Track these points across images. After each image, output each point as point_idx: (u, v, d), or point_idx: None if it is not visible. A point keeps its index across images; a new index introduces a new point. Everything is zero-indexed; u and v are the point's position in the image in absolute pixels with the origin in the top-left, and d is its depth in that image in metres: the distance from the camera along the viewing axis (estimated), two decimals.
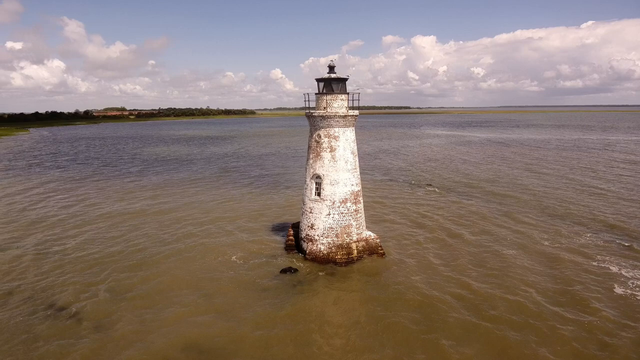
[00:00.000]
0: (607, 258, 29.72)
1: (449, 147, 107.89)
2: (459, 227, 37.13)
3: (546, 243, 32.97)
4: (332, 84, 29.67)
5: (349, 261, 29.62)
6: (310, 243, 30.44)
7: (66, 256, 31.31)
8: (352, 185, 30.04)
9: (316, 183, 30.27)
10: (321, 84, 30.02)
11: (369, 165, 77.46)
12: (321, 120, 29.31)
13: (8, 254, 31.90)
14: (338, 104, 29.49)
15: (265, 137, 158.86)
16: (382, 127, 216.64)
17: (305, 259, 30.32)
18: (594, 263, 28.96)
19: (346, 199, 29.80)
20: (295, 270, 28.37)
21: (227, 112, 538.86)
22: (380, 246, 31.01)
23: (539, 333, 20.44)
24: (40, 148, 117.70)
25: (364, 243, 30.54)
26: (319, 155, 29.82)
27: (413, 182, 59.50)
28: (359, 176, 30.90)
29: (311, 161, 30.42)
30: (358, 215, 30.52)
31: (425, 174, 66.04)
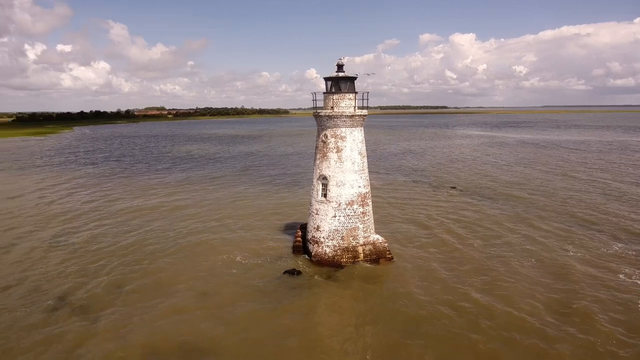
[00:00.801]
0: (638, 272, 27.34)
1: (480, 149, 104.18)
2: (475, 234, 35.40)
3: (570, 253, 30.79)
4: (339, 83, 28.97)
5: (355, 265, 28.82)
6: (316, 245, 29.87)
7: (77, 249, 32.44)
8: (359, 187, 29.20)
9: (322, 184, 29.66)
10: (329, 83, 29.39)
11: (393, 165, 75.94)
12: (328, 120, 28.66)
13: (25, 245, 33.35)
14: (345, 104, 28.74)
15: (293, 136, 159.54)
16: (414, 127, 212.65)
17: (311, 261, 29.78)
18: (621, 276, 26.73)
19: (352, 201, 29.00)
20: (299, 272, 27.89)
21: (261, 112, 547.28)
22: (389, 250, 29.98)
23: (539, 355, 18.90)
24: (79, 145, 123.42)
25: (371, 247, 29.63)
26: (326, 155, 29.18)
27: (436, 184, 57.69)
28: (368, 178, 30.00)
29: (318, 162, 29.83)
30: (365, 218, 29.64)
31: (450, 176, 63.88)
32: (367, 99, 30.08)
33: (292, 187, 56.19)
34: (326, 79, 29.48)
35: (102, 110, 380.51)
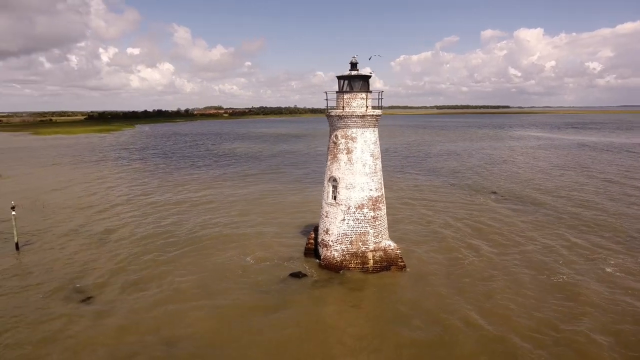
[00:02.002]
0: None
1: (532, 152, 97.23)
2: (506, 245, 32.63)
3: (607, 270, 27.47)
4: (352, 82, 27.87)
5: (364, 271, 27.64)
6: (325, 249, 29.02)
7: (100, 239, 34.41)
8: (370, 190, 27.93)
9: (332, 186, 28.76)
10: (342, 82, 28.38)
11: (435, 167, 72.86)
12: (338, 120, 27.68)
13: (53, 232, 35.73)
14: (357, 103, 27.57)
15: None
16: (466, 128, 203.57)
17: (320, 265, 28.99)
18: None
19: (363, 204, 27.79)
20: (304, 275, 27.24)
21: (313, 111, 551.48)
22: (401, 258, 28.41)
23: None
24: (135, 142, 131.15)
25: (381, 253, 28.24)
26: (336, 157, 28.23)
27: (476, 188, 54.42)
28: (381, 181, 28.64)
29: (329, 163, 28.96)
30: (377, 223, 28.31)
31: (493, 180, 60.02)
32: (382, 98, 28.82)
33: (322, 187, 55.56)
34: (339, 78, 28.49)
35: (163, 109, 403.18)
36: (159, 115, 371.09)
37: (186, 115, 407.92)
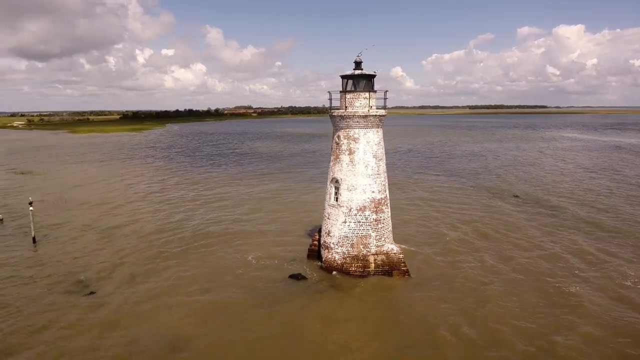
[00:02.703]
0: None
1: (563, 154, 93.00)
2: (517, 252, 31.19)
3: (626, 284, 25.70)
4: (355, 82, 27.26)
5: (364, 275, 27.02)
6: (327, 251, 28.56)
7: (110, 234, 35.49)
8: (373, 192, 27.23)
9: (334, 188, 28.23)
10: (345, 81, 27.82)
11: (457, 167, 70.86)
12: (340, 120, 27.14)
13: (68, 230, 36.77)
14: (360, 103, 26.93)
15: None
16: (497, 128, 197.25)
17: (320, 267, 28.56)
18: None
19: (364, 206, 27.13)
20: (303, 277, 26.89)
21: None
22: (404, 262, 27.56)
23: None
24: (163, 141, 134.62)
25: (383, 257, 27.51)
26: (338, 157, 27.69)
27: (497, 190, 52.47)
28: (384, 183, 27.88)
29: (331, 164, 28.46)
30: (379, 226, 27.58)
31: (517, 183, 57.69)
32: (386, 98, 28.03)
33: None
34: (343, 77, 27.94)
35: (194, 109, 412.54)
36: (190, 115, 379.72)
37: (216, 114, 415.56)
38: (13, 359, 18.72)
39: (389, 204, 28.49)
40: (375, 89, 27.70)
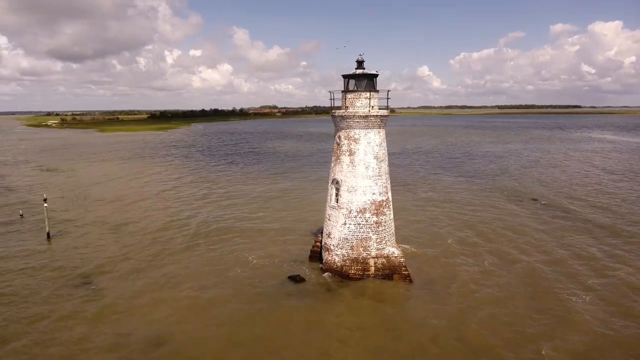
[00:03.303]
0: None
1: (592, 156, 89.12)
2: (522, 257, 30.01)
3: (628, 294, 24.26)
4: (356, 81, 26.81)
5: (364, 278, 26.54)
6: (327, 253, 28.24)
7: (119, 231, 36.20)
8: (374, 194, 26.70)
9: (335, 189, 27.86)
10: (346, 81, 27.39)
11: (476, 169, 69.06)
12: (341, 120, 26.75)
13: (82, 225, 37.79)
14: (361, 103, 26.46)
15: (387, 135, 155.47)
16: (523, 129, 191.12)
17: (321, 269, 28.26)
18: None
19: (365, 208, 26.65)
20: (302, 279, 26.66)
21: None
22: (405, 266, 26.92)
23: None
24: (185, 140, 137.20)
25: (384, 260, 26.95)
26: (339, 158, 27.31)
27: (516, 193, 50.69)
28: (386, 185, 27.29)
29: (332, 165, 28.11)
30: (380, 229, 27.03)
31: (537, 186, 55.60)
32: (389, 98, 27.45)
33: None
34: (344, 77, 27.53)
35: (220, 109, 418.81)
36: (215, 114, 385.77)
37: (240, 114, 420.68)
38: (8, 346, 19.48)
39: (391, 207, 27.88)
40: (377, 88, 27.23)
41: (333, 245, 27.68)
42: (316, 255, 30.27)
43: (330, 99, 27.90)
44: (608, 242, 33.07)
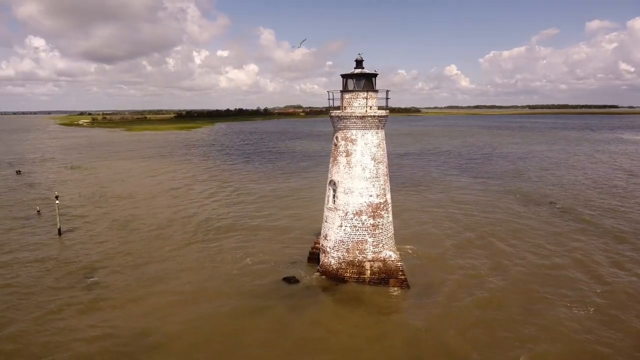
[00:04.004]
0: None
1: (619, 158, 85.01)
2: (523, 262, 28.79)
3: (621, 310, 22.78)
4: (354, 81, 26.33)
5: (360, 282, 26.05)
6: (323, 255, 27.89)
7: (125, 228, 37.01)
8: (370, 196, 26.15)
9: (332, 190, 27.47)
10: (345, 81, 26.95)
11: (493, 170, 67.09)
12: (338, 120, 26.33)
13: (93, 222, 38.77)
14: (359, 103, 25.97)
15: (401, 136, 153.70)
16: (550, 129, 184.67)
17: (317, 271, 27.94)
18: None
19: (361, 211, 26.13)
20: (297, 281, 26.42)
21: (391, 110, 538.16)
22: (402, 271, 26.23)
23: None
24: (206, 139, 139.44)
25: (380, 264, 26.36)
26: (336, 159, 26.90)
27: (534, 197, 48.80)
28: (384, 187, 26.66)
29: (330, 166, 27.72)
30: (377, 232, 26.45)
31: (554, 189, 53.46)
32: (389, 98, 26.84)
33: None
34: (343, 76, 27.10)
35: (244, 108, 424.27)
36: (239, 114, 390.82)
37: (264, 114, 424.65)
38: (1, 333, 20.51)
39: (389, 209, 27.25)
40: (377, 88, 26.70)
41: (329, 247, 27.29)
42: (314, 257, 29.93)
43: (329, 99, 27.53)
44: (617, 250, 31.36)
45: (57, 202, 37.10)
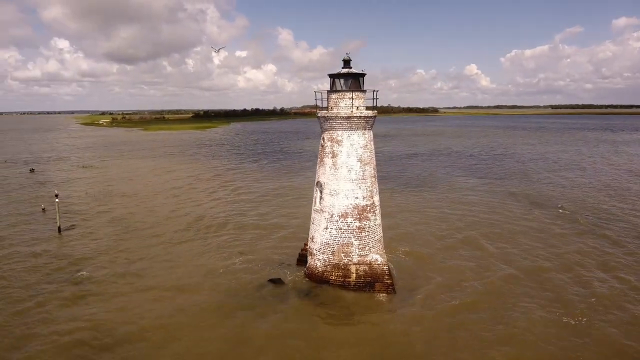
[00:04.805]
0: None
1: (636, 160, 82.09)
2: (520, 270, 27.86)
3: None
4: (342, 80, 25.94)
5: (345, 285, 25.63)
6: (310, 257, 27.57)
7: (123, 226, 37.20)
8: (356, 198, 25.71)
9: (319, 191, 27.14)
10: (332, 81, 26.56)
11: (502, 171, 65.54)
12: (324, 121, 25.98)
13: (92, 220, 39.36)
14: (346, 103, 25.56)
15: (418, 136, 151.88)
16: (571, 130, 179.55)
17: (304, 273, 27.65)
18: None
19: (346, 213, 25.71)
20: (282, 283, 26.19)
21: (409, 110, 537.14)
22: (388, 275, 25.70)
23: None
24: (220, 139, 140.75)
25: (365, 267, 25.89)
26: (322, 160, 26.55)
27: (540, 200, 47.41)
28: (371, 189, 26.17)
29: (317, 167, 27.40)
30: (363, 234, 25.99)
31: (564, 192, 51.79)
32: (377, 98, 26.36)
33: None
34: (330, 76, 26.72)
35: (261, 108, 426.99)
36: (256, 114, 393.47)
37: (280, 113, 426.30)
38: None
39: (377, 212, 26.72)
40: (364, 88, 26.27)
41: (315, 249, 26.96)
42: (304, 258, 29.56)
43: (316, 99, 27.18)
44: (611, 255, 30.18)
45: (56, 200, 37.80)
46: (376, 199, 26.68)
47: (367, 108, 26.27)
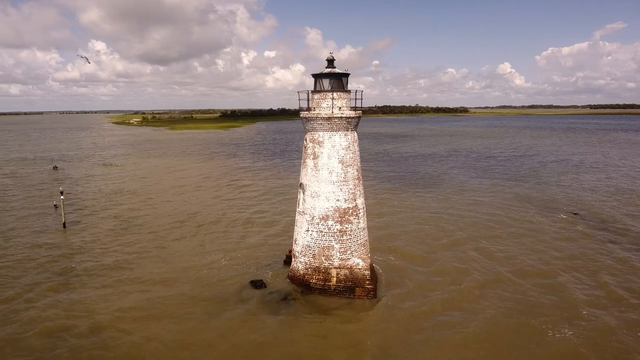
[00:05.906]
0: None
1: None
2: (514, 278, 26.55)
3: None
4: (324, 80, 25.49)
5: (325, 289, 25.20)
6: (293, 259, 27.29)
7: (125, 223, 37.86)
8: (338, 200, 25.20)
9: (302, 193, 26.80)
10: (316, 80, 26.13)
11: (518, 173, 62.99)
12: (306, 122, 25.60)
13: (98, 217, 40.42)
14: (328, 104, 25.11)
15: (446, 136, 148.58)
16: (602, 131, 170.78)
17: (287, 276, 27.41)
18: None
19: (327, 215, 25.25)
20: (264, 286, 26.03)
21: (437, 110, 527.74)
22: (369, 280, 25.08)
23: None
24: (242, 138, 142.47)
25: (347, 272, 25.35)
26: (304, 162, 26.20)
27: (555, 205, 45.15)
28: (354, 191, 25.59)
29: (301, 168, 27.07)
30: (344, 238, 25.45)
31: (586, 196, 49.20)
32: (362, 99, 25.78)
33: (377, 189, 52.87)
34: (314, 76, 26.31)
35: (287, 108, 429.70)
36: (282, 114, 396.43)
37: None
38: None
39: (360, 215, 26.10)
40: (348, 88, 25.75)
41: (297, 252, 26.66)
42: (290, 260, 29.40)
43: (299, 100, 26.82)
44: (607, 264, 28.37)
45: (61, 197, 39.13)
46: (359, 201, 26.07)
47: (352, 108, 25.74)
